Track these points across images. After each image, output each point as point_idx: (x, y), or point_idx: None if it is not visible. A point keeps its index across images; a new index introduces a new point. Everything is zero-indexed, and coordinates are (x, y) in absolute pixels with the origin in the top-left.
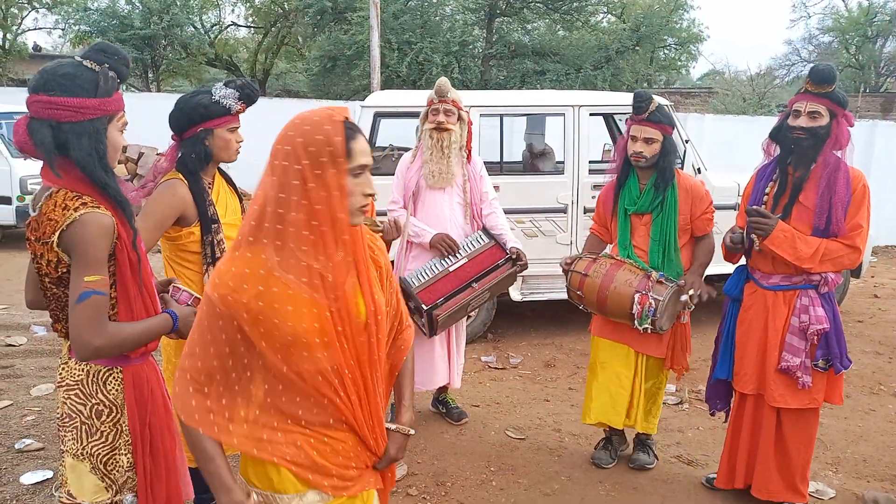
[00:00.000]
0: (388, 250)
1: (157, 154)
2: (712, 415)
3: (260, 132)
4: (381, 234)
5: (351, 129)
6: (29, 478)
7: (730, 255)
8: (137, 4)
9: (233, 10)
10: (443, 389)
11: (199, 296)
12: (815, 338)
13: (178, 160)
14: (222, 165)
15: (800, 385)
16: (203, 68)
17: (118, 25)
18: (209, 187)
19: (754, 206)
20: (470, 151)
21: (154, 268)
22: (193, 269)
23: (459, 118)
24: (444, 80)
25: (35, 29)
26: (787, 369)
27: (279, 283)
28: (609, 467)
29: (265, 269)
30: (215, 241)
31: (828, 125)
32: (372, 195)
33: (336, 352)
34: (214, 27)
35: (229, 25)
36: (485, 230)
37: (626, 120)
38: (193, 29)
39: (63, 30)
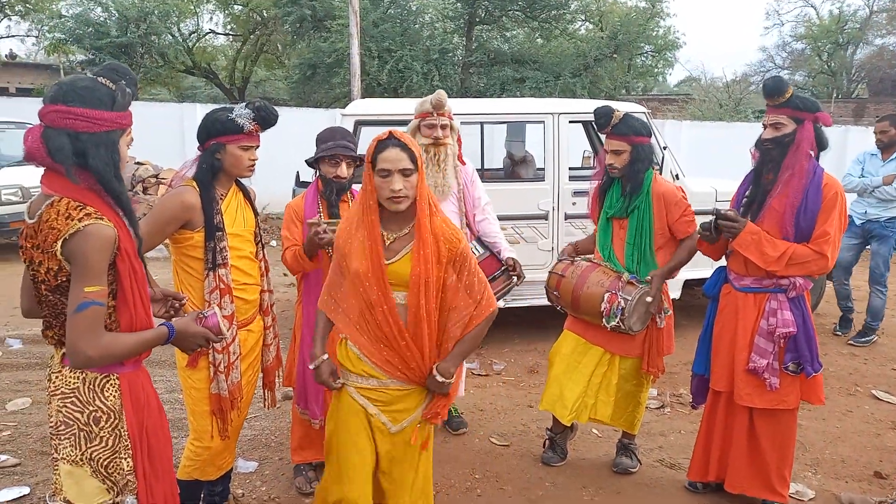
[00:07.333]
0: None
1: (136, 163)
2: (694, 408)
3: None
4: None
5: (382, 143)
6: (5, 494)
7: (710, 250)
8: (113, 12)
9: (211, 18)
10: None
11: (224, 323)
12: (782, 341)
13: (196, 169)
14: (244, 181)
15: (767, 386)
16: (181, 76)
17: (94, 33)
18: (221, 198)
19: (721, 210)
20: (461, 157)
21: (166, 276)
22: (195, 275)
23: (451, 128)
24: (442, 93)
25: (8, 37)
26: (754, 370)
27: None
28: (559, 465)
29: None
30: (217, 248)
31: (792, 132)
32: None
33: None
34: (192, 35)
35: (207, 33)
36: (479, 240)
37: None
38: (171, 37)
39: (37, 37)
